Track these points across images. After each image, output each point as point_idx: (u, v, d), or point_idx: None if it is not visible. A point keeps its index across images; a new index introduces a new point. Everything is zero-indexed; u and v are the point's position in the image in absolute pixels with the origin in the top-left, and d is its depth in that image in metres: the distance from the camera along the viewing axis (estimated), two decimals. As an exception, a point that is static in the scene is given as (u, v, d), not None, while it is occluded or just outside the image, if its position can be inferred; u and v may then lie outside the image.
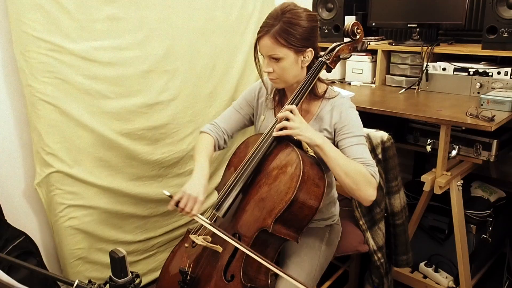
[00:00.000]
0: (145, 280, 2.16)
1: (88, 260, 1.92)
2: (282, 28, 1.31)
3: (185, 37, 2.02)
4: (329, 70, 1.44)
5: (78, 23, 1.69)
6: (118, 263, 0.96)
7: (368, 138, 1.66)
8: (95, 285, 0.97)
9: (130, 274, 0.98)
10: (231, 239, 1.28)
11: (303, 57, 1.38)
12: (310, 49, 1.37)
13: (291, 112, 1.31)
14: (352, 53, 1.52)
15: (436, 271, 2.11)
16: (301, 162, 1.29)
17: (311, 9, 2.49)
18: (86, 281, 0.97)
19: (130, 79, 1.88)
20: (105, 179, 1.90)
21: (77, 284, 0.95)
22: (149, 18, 1.89)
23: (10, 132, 1.74)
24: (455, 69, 2.10)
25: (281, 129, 1.32)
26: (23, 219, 1.82)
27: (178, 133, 2.10)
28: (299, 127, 1.29)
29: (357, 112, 1.44)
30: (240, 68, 2.27)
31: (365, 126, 1.65)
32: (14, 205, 1.78)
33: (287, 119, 1.31)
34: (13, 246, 1.66)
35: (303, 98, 1.39)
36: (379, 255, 1.74)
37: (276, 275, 1.45)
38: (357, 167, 1.30)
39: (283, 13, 1.32)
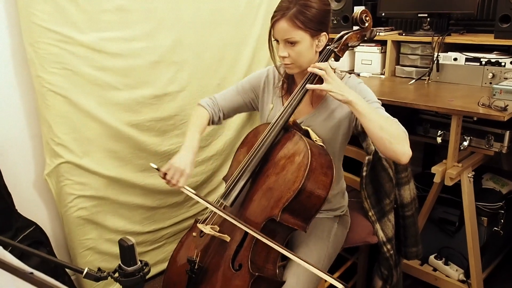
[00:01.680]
0: (153, 271, 2.17)
1: (97, 250, 1.94)
2: (299, 10, 1.30)
3: (193, 29, 2.02)
4: (337, 58, 1.43)
5: (86, 14, 1.70)
6: (127, 251, 0.96)
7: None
8: (105, 273, 0.98)
9: (139, 262, 0.99)
10: (231, 217, 1.29)
11: (318, 41, 1.37)
12: (324, 33, 1.37)
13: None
14: (361, 41, 1.50)
15: (446, 264, 2.09)
16: (309, 151, 1.28)
17: None
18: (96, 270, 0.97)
19: (139, 70, 1.88)
20: (114, 170, 1.91)
21: (86, 272, 0.96)
22: (157, 9, 1.88)
23: (20, 123, 1.75)
24: (467, 59, 2.07)
25: (315, 84, 1.31)
26: (34, 209, 1.84)
27: (186, 124, 2.10)
28: (333, 82, 1.27)
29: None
30: (248, 60, 2.26)
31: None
32: (24, 196, 1.80)
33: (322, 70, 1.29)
34: (23, 235, 1.68)
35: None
36: (389, 246, 1.73)
37: (284, 266, 1.45)
38: (392, 121, 1.28)
39: None
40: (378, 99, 1.39)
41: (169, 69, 1.98)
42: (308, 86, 1.33)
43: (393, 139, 1.23)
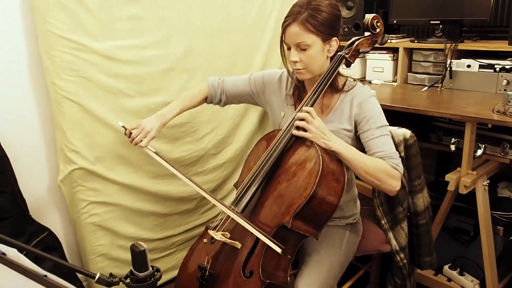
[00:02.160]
0: (164, 278, 2.17)
1: (109, 256, 1.95)
2: (310, 14, 1.32)
3: (204, 36, 2.03)
4: (348, 64, 1.43)
5: (100, 22, 1.72)
6: (139, 257, 0.96)
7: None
8: (116, 279, 0.98)
9: (151, 268, 0.99)
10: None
11: (329, 46, 1.38)
12: (335, 38, 1.38)
13: (309, 114, 1.32)
14: (372, 47, 1.50)
15: (461, 274, 2.05)
16: (320, 157, 1.28)
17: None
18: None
19: (151, 77, 1.90)
20: (126, 176, 1.92)
21: (98, 277, 0.96)
22: (169, 17, 1.90)
23: (35, 130, 1.78)
24: (481, 66, 2.05)
25: (298, 128, 1.34)
26: (47, 215, 1.85)
27: (198, 132, 2.11)
28: (315, 131, 1.30)
29: (377, 101, 1.43)
30: (259, 67, 2.26)
31: (386, 123, 1.63)
32: (38, 201, 1.82)
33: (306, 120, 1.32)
34: (37, 241, 1.70)
35: (322, 92, 1.38)
36: (402, 255, 1.70)
37: (295, 274, 1.44)
38: (377, 164, 1.31)
39: (309, 2, 1.34)
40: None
41: (181, 77, 1.99)
42: (294, 132, 1.34)
43: (378, 181, 1.32)
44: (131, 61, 1.83)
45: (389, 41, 2.33)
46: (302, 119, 1.32)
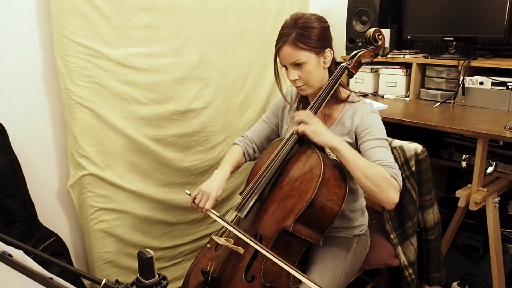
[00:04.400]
0: (170, 287, 2.16)
1: (116, 264, 1.94)
2: (299, 33, 1.35)
3: (219, 46, 2.05)
4: (351, 75, 1.47)
5: (116, 29, 1.74)
6: (145, 264, 0.96)
7: (402, 150, 1.62)
8: (122, 285, 0.98)
9: (157, 275, 0.98)
10: (247, 237, 1.29)
11: (324, 58, 1.41)
12: (328, 49, 1.41)
13: (307, 115, 1.34)
14: (373, 58, 1.52)
15: (470, 292, 2.03)
16: (322, 162, 1.30)
17: (345, 22, 2.50)
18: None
19: (164, 85, 1.91)
20: (135, 183, 1.92)
21: (104, 283, 0.96)
22: (185, 26, 1.92)
23: (47, 134, 1.79)
24: (493, 83, 2.03)
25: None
26: (55, 220, 1.86)
27: (209, 141, 2.12)
28: (314, 130, 1.30)
29: (380, 117, 1.43)
30: (273, 79, 2.24)
31: (398, 138, 1.62)
32: (47, 206, 1.82)
33: (304, 123, 1.33)
34: (44, 246, 1.70)
35: (324, 102, 1.41)
36: (410, 270, 1.68)
37: (300, 281, 1.43)
38: (376, 169, 1.28)
39: (296, 21, 1.37)
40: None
41: (195, 86, 2.01)
42: (295, 129, 1.37)
43: (376, 188, 1.25)
44: (145, 68, 1.84)
45: (402, 56, 2.33)
46: (301, 122, 1.34)
